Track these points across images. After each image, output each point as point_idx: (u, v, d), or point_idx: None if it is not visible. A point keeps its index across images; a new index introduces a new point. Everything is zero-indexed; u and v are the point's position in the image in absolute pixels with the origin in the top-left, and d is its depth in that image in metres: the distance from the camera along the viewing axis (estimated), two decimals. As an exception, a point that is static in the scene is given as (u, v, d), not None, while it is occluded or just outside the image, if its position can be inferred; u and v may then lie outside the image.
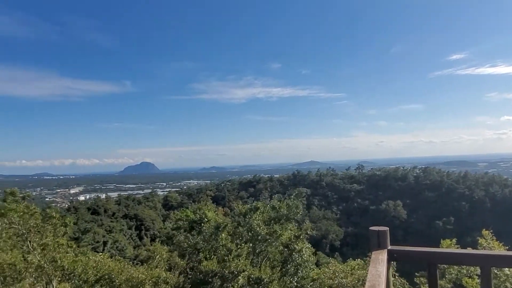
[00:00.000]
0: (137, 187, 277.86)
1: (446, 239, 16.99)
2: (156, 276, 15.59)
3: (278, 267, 18.16)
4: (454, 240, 16.82)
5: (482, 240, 15.14)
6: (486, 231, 15.29)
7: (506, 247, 14.80)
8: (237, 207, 21.60)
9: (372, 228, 3.61)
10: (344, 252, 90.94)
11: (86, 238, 65.03)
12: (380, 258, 3.21)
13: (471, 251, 3.92)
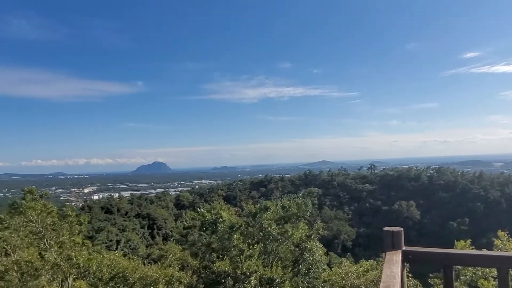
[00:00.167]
0: (149, 186, 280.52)
1: (461, 240, 16.76)
2: (169, 275, 15.71)
3: (290, 267, 18.15)
4: (469, 241, 16.58)
5: (497, 242, 14.91)
6: (502, 232, 15.06)
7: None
8: (247, 207, 21.64)
9: (386, 229, 3.58)
10: (356, 253, 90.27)
11: (100, 237, 66.01)
12: (395, 259, 3.18)
13: (488, 252, 3.87)
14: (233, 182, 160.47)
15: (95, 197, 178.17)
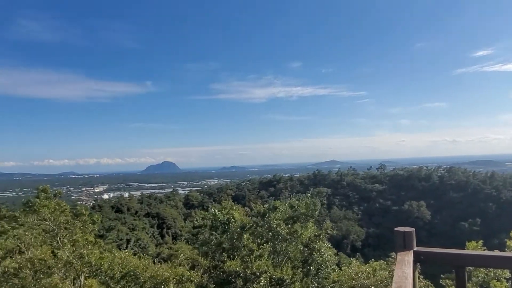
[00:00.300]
0: (158, 186, 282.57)
1: (472, 241, 16.60)
2: (179, 274, 15.82)
3: (299, 267, 18.11)
4: (481, 242, 16.41)
5: (510, 242, 14.74)
6: (515, 233, 14.86)
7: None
8: (256, 207, 21.65)
9: (398, 229, 3.54)
10: (365, 253, 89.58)
11: (110, 236, 66.74)
12: (406, 259, 3.15)
13: (502, 253, 3.81)
14: (242, 182, 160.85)
15: (106, 196, 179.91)
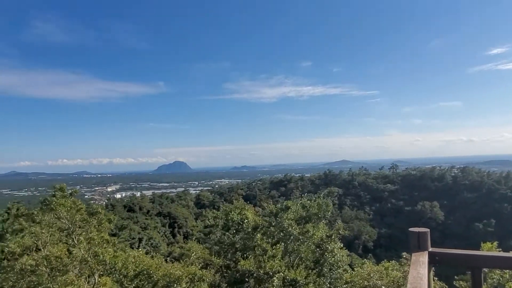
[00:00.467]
0: (170, 185, 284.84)
1: (487, 242, 16.34)
2: (192, 273, 15.93)
3: (312, 268, 18.08)
4: (496, 243, 16.15)
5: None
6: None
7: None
8: (268, 207, 21.69)
9: (412, 229, 3.54)
10: (377, 254, 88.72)
11: (123, 235, 67.36)
12: (421, 260, 3.15)
13: None
14: (253, 182, 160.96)
15: (118, 195, 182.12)
